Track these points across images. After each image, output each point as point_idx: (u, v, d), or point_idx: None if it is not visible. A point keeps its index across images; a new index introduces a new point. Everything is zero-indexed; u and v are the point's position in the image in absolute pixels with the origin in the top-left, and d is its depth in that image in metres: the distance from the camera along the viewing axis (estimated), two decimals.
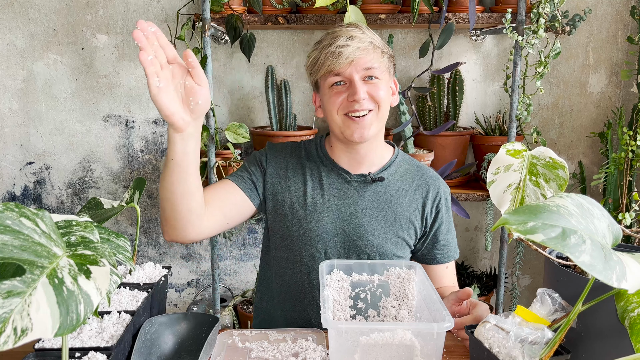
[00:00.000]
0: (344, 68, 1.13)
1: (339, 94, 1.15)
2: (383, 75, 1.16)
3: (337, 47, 1.11)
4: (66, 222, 0.70)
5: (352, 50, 1.11)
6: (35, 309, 0.52)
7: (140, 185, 1.08)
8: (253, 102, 2.14)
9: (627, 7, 2.06)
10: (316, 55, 1.16)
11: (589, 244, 0.60)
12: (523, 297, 2.29)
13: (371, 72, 1.14)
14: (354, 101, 1.13)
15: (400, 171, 1.25)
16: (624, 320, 0.66)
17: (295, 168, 1.25)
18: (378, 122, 1.17)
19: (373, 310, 0.99)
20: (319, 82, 1.19)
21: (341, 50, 1.11)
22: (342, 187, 1.22)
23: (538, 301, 0.77)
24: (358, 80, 1.13)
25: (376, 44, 1.15)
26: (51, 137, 2.14)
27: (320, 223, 1.20)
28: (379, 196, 1.22)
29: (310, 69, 1.20)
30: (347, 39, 1.12)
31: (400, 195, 1.23)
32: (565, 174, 0.86)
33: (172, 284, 2.29)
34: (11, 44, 2.07)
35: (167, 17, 2.05)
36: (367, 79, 1.15)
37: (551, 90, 2.13)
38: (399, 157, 1.27)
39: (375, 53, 1.14)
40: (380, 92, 1.15)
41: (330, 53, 1.12)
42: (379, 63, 1.15)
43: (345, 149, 1.22)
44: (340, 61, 1.11)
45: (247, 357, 0.93)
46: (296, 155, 1.27)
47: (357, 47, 1.11)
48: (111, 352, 0.80)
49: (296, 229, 1.22)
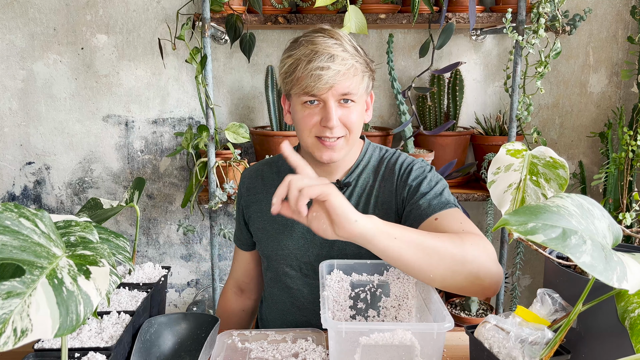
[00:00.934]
0: (322, 92, 1.05)
1: (312, 115, 1.08)
2: (360, 98, 1.10)
3: (316, 69, 1.03)
4: (65, 223, 0.70)
5: (333, 75, 1.03)
6: (35, 310, 0.52)
7: (140, 185, 1.08)
8: (253, 102, 2.14)
9: (627, 7, 2.06)
10: (291, 66, 1.07)
11: (589, 245, 0.60)
12: (523, 297, 2.29)
13: (348, 97, 1.07)
14: (326, 127, 1.07)
15: (369, 167, 1.19)
16: (625, 320, 0.66)
17: (267, 188, 1.23)
18: (349, 146, 1.12)
19: (373, 310, 0.99)
20: (291, 93, 1.11)
21: (321, 74, 1.03)
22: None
23: (538, 301, 0.77)
24: (333, 105, 1.06)
25: (357, 65, 1.07)
26: (51, 137, 2.14)
27: (291, 239, 1.18)
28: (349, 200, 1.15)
29: (284, 77, 1.10)
30: (328, 58, 1.03)
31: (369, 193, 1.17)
32: (565, 173, 0.86)
33: (172, 284, 2.28)
34: (11, 44, 2.07)
35: (167, 17, 2.05)
36: (342, 101, 1.08)
37: (551, 90, 2.13)
38: (367, 152, 1.21)
39: (356, 77, 1.07)
40: (352, 117, 1.09)
41: (309, 74, 1.04)
42: (357, 87, 1.08)
43: (314, 162, 1.16)
44: (319, 85, 1.04)
45: (247, 357, 0.93)
46: (267, 174, 1.25)
47: (338, 70, 1.03)
48: (111, 353, 0.80)
49: (270, 248, 1.21)
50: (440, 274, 0.89)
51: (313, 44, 1.05)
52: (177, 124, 2.14)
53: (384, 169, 1.18)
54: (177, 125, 2.14)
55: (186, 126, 2.14)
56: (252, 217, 1.25)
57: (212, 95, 1.81)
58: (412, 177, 1.13)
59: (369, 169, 1.19)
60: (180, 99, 2.12)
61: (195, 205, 1.97)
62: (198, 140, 1.83)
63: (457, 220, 1.02)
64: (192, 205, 1.91)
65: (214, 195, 1.84)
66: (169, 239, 2.25)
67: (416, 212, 1.07)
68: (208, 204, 1.86)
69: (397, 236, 0.87)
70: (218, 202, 1.83)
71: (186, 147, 1.88)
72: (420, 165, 1.15)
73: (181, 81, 2.10)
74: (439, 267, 0.89)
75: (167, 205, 2.22)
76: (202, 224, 2.23)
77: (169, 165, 2.18)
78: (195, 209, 2.17)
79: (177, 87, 2.11)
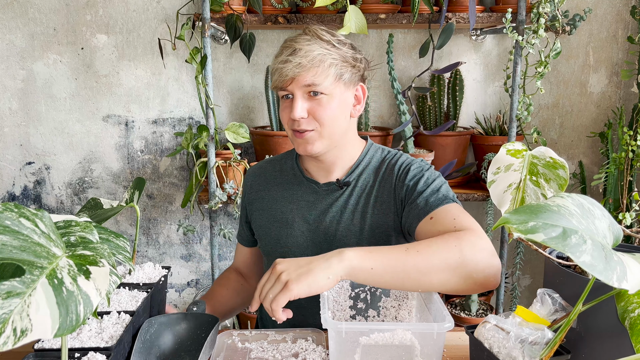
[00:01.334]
0: (287, 84, 1.08)
1: (286, 108, 1.12)
2: (333, 89, 1.09)
3: (279, 63, 1.08)
4: (65, 223, 0.70)
5: (291, 67, 1.06)
6: (35, 310, 0.52)
7: (140, 185, 1.09)
8: (253, 102, 2.14)
9: (627, 7, 2.06)
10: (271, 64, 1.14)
11: (589, 244, 0.60)
12: (523, 297, 2.29)
13: (314, 89, 1.07)
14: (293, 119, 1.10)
15: (370, 168, 1.20)
16: (625, 320, 0.66)
17: (269, 186, 1.25)
18: (325, 139, 1.12)
19: (373, 310, 0.99)
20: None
21: (281, 67, 1.07)
22: (311, 197, 1.19)
23: (538, 301, 0.77)
24: (299, 98, 1.08)
25: (326, 58, 1.07)
26: (51, 137, 2.14)
27: (290, 237, 1.19)
28: (348, 200, 1.17)
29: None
30: (290, 53, 1.07)
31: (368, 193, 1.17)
32: (565, 173, 0.86)
33: (172, 284, 2.28)
34: (11, 44, 2.07)
35: (167, 17, 2.05)
36: (311, 94, 1.08)
37: (551, 90, 2.13)
38: (369, 152, 1.21)
39: (321, 67, 1.06)
40: (322, 111, 1.08)
41: (275, 68, 1.09)
42: (324, 78, 1.07)
43: (310, 159, 1.19)
44: (281, 78, 1.08)
45: (247, 357, 0.93)
46: (270, 172, 1.27)
47: (298, 62, 1.05)
48: (111, 353, 0.80)
49: (270, 246, 1.22)
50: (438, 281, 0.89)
51: (288, 41, 1.11)
52: (177, 124, 2.14)
53: (385, 169, 1.17)
54: (177, 125, 2.14)
55: (186, 126, 2.14)
56: (254, 214, 1.26)
57: (212, 95, 1.81)
58: (409, 176, 1.13)
59: (369, 169, 1.19)
60: (180, 99, 2.12)
61: (195, 205, 1.97)
62: (198, 140, 1.83)
63: (452, 216, 1.01)
64: (192, 205, 1.91)
65: (214, 195, 1.84)
66: (169, 239, 2.25)
67: (414, 212, 1.07)
68: (208, 204, 1.86)
69: (374, 266, 0.87)
70: (218, 202, 1.83)
71: (186, 147, 1.88)
72: (419, 165, 1.15)
73: (181, 81, 2.10)
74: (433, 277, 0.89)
75: (167, 205, 2.22)
76: (202, 224, 2.23)
77: (169, 165, 2.18)
78: (195, 209, 2.17)
79: (177, 87, 2.11)
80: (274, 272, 0.87)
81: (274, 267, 0.88)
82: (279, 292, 0.84)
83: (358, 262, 0.87)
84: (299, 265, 0.86)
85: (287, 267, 0.86)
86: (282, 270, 0.86)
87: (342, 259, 0.86)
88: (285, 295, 0.83)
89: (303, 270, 0.85)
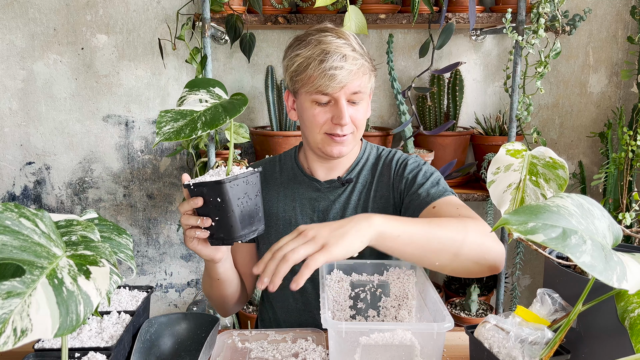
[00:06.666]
0: (335, 91, 1.08)
1: (323, 113, 1.11)
2: (366, 96, 1.14)
3: (330, 69, 1.05)
4: (67, 222, 0.70)
5: (346, 74, 1.06)
6: (35, 310, 0.52)
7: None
8: (253, 102, 2.14)
9: (627, 7, 2.06)
10: (301, 65, 1.09)
11: (589, 245, 0.60)
12: (523, 297, 2.29)
13: (357, 97, 1.11)
14: (338, 125, 1.10)
15: (368, 165, 1.24)
16: (624, 320, 0.66)
17: (270, 186, 1.25)
18: (355, 142, 1.17)
19: (373, 310, 0.99)
20: (300, 90, 1.13)
21: (334, 74, 1.05)
22: (314, 196, 1.21)
23: (538, 301, 0.77)
24: (345, 104, 1.10)
25: (365, 65, 1.11)
26: (51, 137, 2.14)
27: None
28: (350, 197, 1.20)
29: (293, 76, 1.12)
30: (340, 58, 1.06)
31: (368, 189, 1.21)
32: (565, 174, 0.86)
33: (172, 284, 2.28)
34: (11, 44, 2.07)
35: (167, 17, 2.05)
36: (351, 102, 1.11)
37: (551, 90, 2.13)
38: (366, 150, 1.25)
39: (365, 76, 1.11)
40: (360, 116, 1.13)
41: (323, 74, 1.06)
42: (366, 86, 1.12)
43: (318, 159, 1.21)
44: (333, 85, 1.06)
45: (247, 357, 0.93)
46: (270, 172, 1.27)
47: (350, 70, 1.07)
48: (111, 352, 0.80)
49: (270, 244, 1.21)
50: (447, 259, 0.92)
51: (324, 43, 1.08)
52: None
53: (381, 165, 1.22)
54: None
55: None
56: None
57: None
58: (407, 170, 1.18)
59: (367, 166, 1.23)
60: None
61: None
62: (198, 140, 1.83)
63: (454, 206, 1.06)
64: None
65: None
66: (169, 239, 2.25)
67: (416, 202, 1.12)
68: None
69: (400, 234, 0.89)
70: None
71: (186, 147, 1.88)
72: (415, 160, 1.21)
73: (181, 81, 2.10)
74: (443, 254, 0.92)
75: (167, 205, 2.22)
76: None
77: (169, 165, 2.18)
78: None
79: (177, 87, 2.11)
80: (304, 234, 0.85)
81: (302, 231, 0.86)
82: (317, 252, 0.82)
83: (386, 229, 0.88)
84: (333, 229, 0.86)
85: (319, 231, 0.85)
86: (315, 234, 0.85)
87: (371, 224, 0.87)
88: (324, 256, 0.82)
89: (338, 232, 0.85)
